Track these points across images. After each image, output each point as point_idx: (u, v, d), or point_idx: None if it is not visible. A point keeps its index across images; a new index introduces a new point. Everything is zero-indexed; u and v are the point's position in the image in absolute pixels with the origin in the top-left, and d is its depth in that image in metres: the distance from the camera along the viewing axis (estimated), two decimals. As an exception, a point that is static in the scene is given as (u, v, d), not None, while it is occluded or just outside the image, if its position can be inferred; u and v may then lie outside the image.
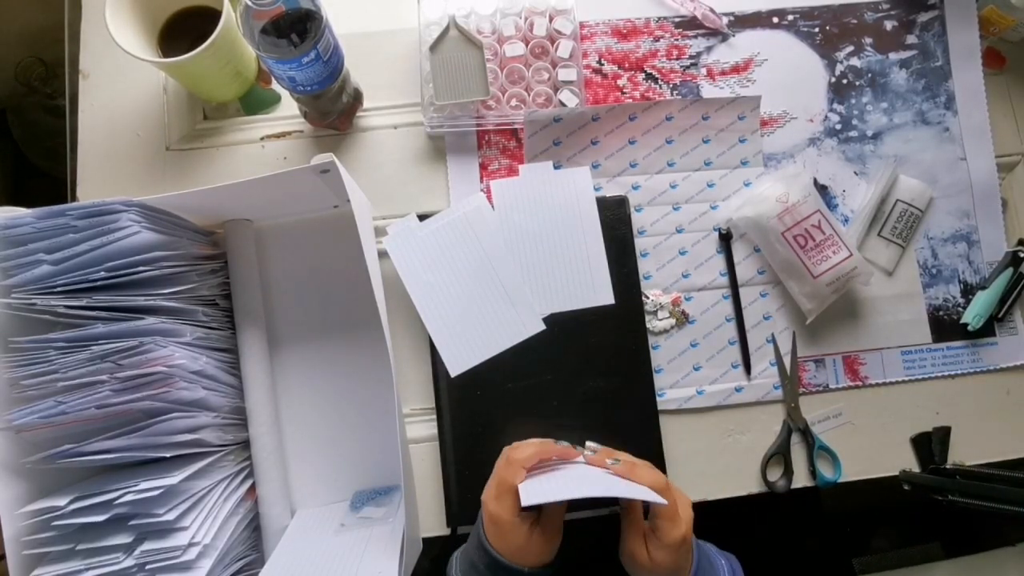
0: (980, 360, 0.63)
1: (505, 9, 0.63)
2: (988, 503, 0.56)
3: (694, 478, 0.60)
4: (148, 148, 0.62)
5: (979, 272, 0.64)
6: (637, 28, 0.66)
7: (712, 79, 0.66)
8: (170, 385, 0.47)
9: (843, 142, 0.65)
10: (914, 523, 0.92)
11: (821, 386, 0.62)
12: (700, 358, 0.61)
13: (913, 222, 0.63)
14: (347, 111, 0.61)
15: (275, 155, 0.63)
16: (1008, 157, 0.66)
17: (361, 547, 0.50)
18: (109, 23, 0.53)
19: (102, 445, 0.46)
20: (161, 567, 0.45)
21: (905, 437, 0.62)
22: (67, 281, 0.47)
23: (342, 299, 0.60)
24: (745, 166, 0.64)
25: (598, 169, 0.63)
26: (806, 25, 0.67)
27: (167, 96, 0.63)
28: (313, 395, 0.59)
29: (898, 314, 0.63)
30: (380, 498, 0.56)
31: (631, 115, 0.63)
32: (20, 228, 0.47)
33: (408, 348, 0.60)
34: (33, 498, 0.47)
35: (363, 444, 0.58)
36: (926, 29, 0.67)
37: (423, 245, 0.59)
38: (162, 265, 0.49)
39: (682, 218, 0.63)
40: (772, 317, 0.62)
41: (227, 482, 0.52)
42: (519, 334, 0.58)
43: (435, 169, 0.63)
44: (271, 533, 0.54)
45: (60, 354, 0.46)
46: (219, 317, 0.56)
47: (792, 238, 0.59)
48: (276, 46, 0.48)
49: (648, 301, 0.61)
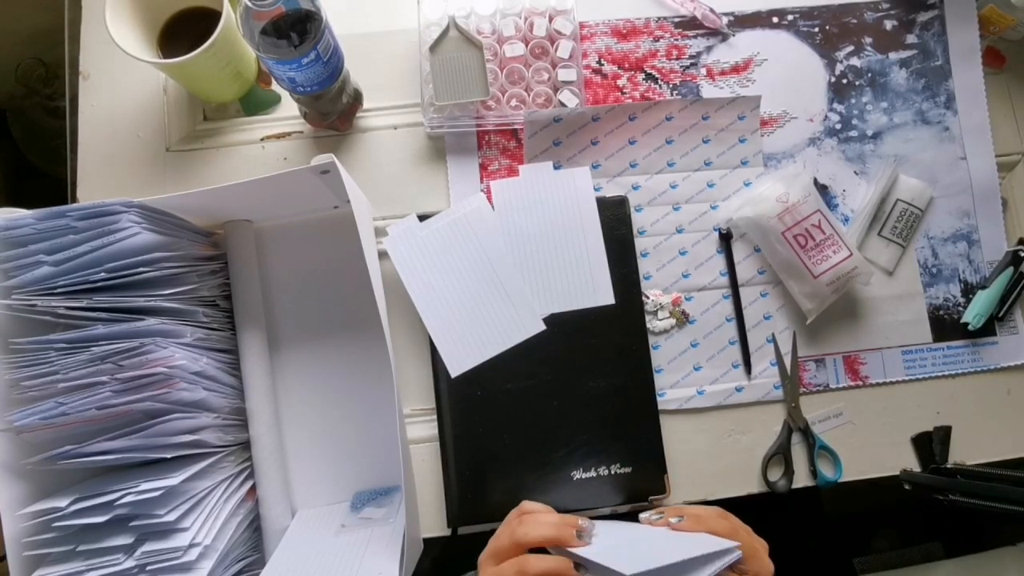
0: (981, 359, 0.63)
1: (505, 9, 0.63)
2: (989, 503, 0.56)
3: (694, 478, 0.60)
4: (148, 149, 0.62)
5: (979, 271, 0.64)
6: (637, 28, 0.66)
7: (712, 79, 0.66)
8: (171, 386, 0.47)
9: (843, 142, 0.65)
10: (915, 523, 0.92)
11: (821, 386, 0.62)
12: (700, 358, 0.61)
13: (913, 222, 0.63)
14: (347, 112, 0.61)
15: (275, 156, 0.63)
16: (1008, 156, 0.66)
17: (362, 548, 0.50)
18: (109, 24, 0.53)
19: (103, 446, 0.46)
20: (162, 568, 0.45)
21: (906, 437, 0.62)
22: (67, 282, 0.47)
23: (342, 300, 0.60)
24: (745, 166, 0.64)
25: (598, 169, 0.63)
26: (806, 25, 0.67)
27: (167, 97, 0.63)
28: (313, 395, 0.59)
29: (898, 314, 0.63)
30: (381, 499, 0.56)
31: (631, 115, 0.63)
32: (20, 229, 0.47)
33: (408, 348, 0.60)
34: (34, 499, 0.47)
35: (363, 444, 0.58)
36: (926, 29, 0.67)
37: (423, 245, 0.59)
38: (162, 266, 0.49)
39: (682, 218, 0.63)
40: (772, 317, 0.62)
41: (228, 483, 0.52)
42: (519, 334, 0.58)
43: (435, 169, 0.63)
44: (272, 534, 0.54)
45: (61, 355, 0.46)
46: (219, 318, 0.56)
47: (792, 238, 0.59)
48: (276, 47, 0.48)
49: (648, 301, 0.61)
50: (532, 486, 0.56)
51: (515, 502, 0.52)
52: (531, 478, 0.56)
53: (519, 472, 0.56)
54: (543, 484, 0.56)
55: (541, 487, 0.56)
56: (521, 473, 0.56)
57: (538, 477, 0.56)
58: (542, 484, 0.56)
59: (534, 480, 0.56)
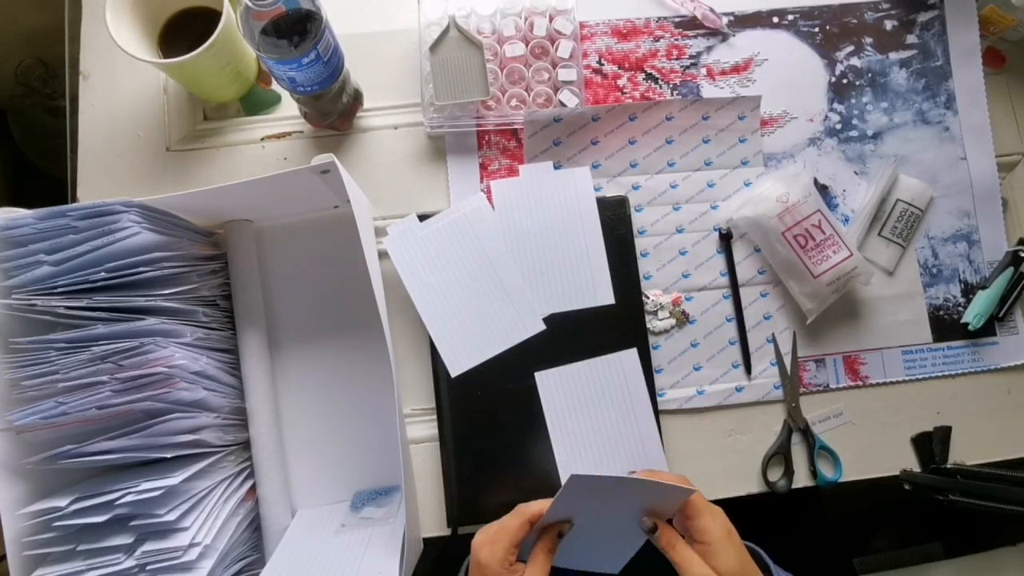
0: (981, 360, 0.63)
1: (505, 9, 0.63)
2: (989, 503, 0.56)
3: (694, 478, 0.59)
4: (148, 149, 0.62)
5: (979, 272, 0.64)
6: (637, 28, 0.66)
7: (712, 79, 0.66)
8: (171, 386, 0.47)
9: (843, 142, 0.65)
10: (915, 523, 0.92)
11: (822, 386, 0.62)
12: (700, 358, 0.61)
13: (913, 222, 0.63)
14: (347, 111, 0.61)
15: (275, 155, 0.63)
16: (1008, 156, 0.66)
17: (362, 547, 0.50)
18: (109, 24, 0.53)
19: (103, 446, 0.46)
20: (162, 568, 0.45)
21: (906, 437, 0.62)
22: (67, 282, 0.47)
23: (342, 299, 0.60)
24: (745, 166, 0.64)
25: (598, 169, 0.63)
26: (806, 25, 0.67)
27: (167, 97, 0.63)
28: (313, 395, 0.59)
29: (899, 314, 0.63)
30: (381, 498, 0.56)
31: (631, 115, 0.63)
32: (20, 229, 0.47)
33: (408, 348, 0.60)
34: (34, 499, 0.47)
35: (363, 444, 0.58)
36: (926, 29, 0.67)
37: (423, 245, 0.59)
38: (163, 266, 0.49)
39: (682, 218, 0.63)
40: (772, 317, 0.62)
41: (228, 482, 0.53)
42: (519, 334, 0.58)
43: (435, 169, 0.63)
44: (272, 533, 0.54)
45: (61, 355, 0.46)
46: (219, 318, 0.56)
47: (792, 238, 0.59)
48: (276, 47, 0.48)
49: (648, 301, 0.61)
50: (532, 486, 0.56)
51: (515, 502, 0.52)
52: (531, 478, 0.56)
53: (519, 472, 0.56)
54: (543, 484, 0.56)
55: (541, 487, 0.56)
56: (521, 473, 0.56)
57: (538, 477, 0.56)
58: (542, 484, 0.56)
59: (534, 480, 0.56)
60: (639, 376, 0.58)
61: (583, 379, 0.58)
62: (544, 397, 0.57)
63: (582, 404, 0.57)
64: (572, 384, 0.58)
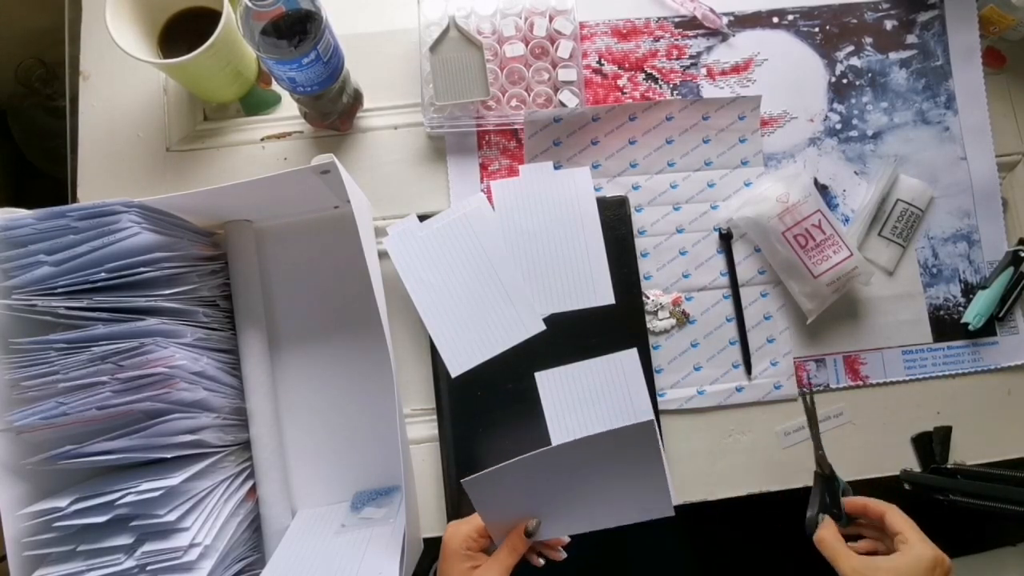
0: (981, 359, 0.63)
1: (505, 9, 0.63)
2: (989, 503, 0.56)
3: (695, 478, 0.60)
4: (148, 149, 0.62)
5: (980, 271, 0.64)
6: (637, 28, 0.66)
7: (712, 79, 0.66)
8: (171, 386, 0.47)
9: (843, 142, 0.65)
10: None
11: (822, 386, 0.62)
12: (701, 358, 0.61)
13: (913, 222, 0.63)
14: (347, 112, 0.61)
15: (275, 156, 0.63)
16: (1008, 156, 0.66)
17: (362, 548, 0.50)
18: (109, 24, 0.53)
19: (103, 446, 0.46)
20: (162, 568, 0.45)
21: (906, 437, 0.62)
22: (68, 282, 0.47)
23: (342, 299, 0.60)
24: (745, 166, 0.64)
25: (598, 169, 0.63)
26: (806, 25, 0.67)
27: (167, 97, 0.63)
28: (313, 395, 0.59)
29: (899, 314, 0.63)
30: (381, 498, 0.56)
31: (631, 115, 0.63)
32: (20, 229, 0.47)
33: (408, 348, 0.60)
34: (34, 499, 0.47)
35: (364, 444, 0.58)
36: (926, 29, 0.67)
37: (423, 245, 0.59)
38: (163, 266, 0.49)
39: (682, 218, 0.63)
40: (772, 317, 0.62)
41: (228, 483, 0.52)
42: (519, 334, 0.58)
43: (435, 169, 0.63)
44: (272, 534, 0.54)
45: (61, 355, 0.46)
46: (220, 318, 0.56)
47: (792, 238, 0.59)
48: (276, 47, 0.48)
49: (648, 301, 0.61)
50: (532, 486, 0.56)
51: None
52: (531, 478, 0.56)
53: (519, 472, 0.56)
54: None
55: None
56: (521, 473, 0.56)
57: (538, 477, 0.56)
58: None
59: (534, 480, 0.56)
60: (639, 376, 0.58)
61: (583, 379, 0.58)
62: (544, 397, 0.57)
63: (582, 404, 0.57)
64: (572, 384, 0.58)
